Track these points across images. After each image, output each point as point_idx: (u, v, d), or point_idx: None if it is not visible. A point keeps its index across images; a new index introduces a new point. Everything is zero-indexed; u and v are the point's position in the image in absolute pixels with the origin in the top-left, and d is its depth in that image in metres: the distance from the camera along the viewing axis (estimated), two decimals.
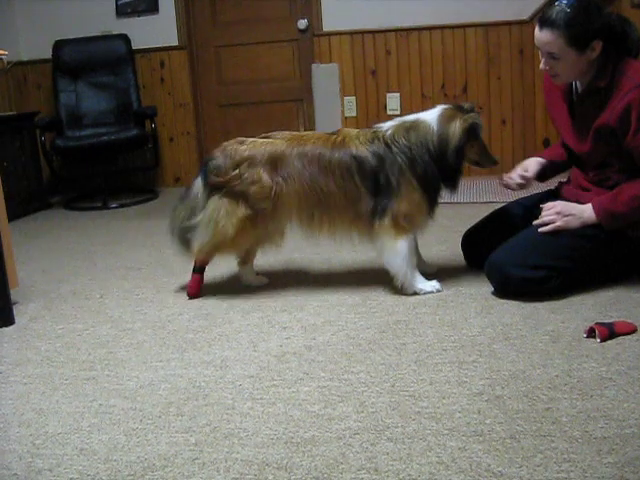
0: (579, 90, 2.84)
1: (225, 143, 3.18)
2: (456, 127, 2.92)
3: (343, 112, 5.92)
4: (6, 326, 2.98)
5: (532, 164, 3.12)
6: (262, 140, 3.13)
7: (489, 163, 3.07)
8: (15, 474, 1.87)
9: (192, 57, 6.22)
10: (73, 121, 5.98)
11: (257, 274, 3.37)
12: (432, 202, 3.00)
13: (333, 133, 3.11)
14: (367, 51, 5.82)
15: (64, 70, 6.00)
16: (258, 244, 3.25)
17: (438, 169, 2.94)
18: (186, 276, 3.52)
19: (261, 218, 3.06)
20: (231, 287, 3.31)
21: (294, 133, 3.18)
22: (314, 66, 5.89)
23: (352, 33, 5.82)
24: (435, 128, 2.94)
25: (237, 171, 3.03)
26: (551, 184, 3.25)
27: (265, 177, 3.01)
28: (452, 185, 3.02)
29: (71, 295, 3.38)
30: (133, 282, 3.52)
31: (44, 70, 6.19)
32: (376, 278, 3.23)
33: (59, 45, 5.99)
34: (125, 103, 6.02)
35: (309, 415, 2.06)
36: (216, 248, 3.12)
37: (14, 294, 3.14)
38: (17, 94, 6.34)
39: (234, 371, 2.40)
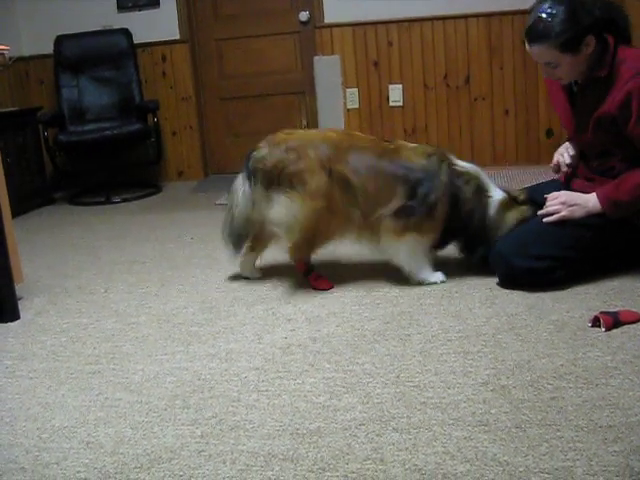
0: (579, 81, 2.83)
1: (270, 136, 3.10)
2: (511, 219, 2.97)
3: (345, 104, 5.91)
4: (12, 321, 2.99)
5: (569, 148, 3.05)
6: (313, 131, 3.08)
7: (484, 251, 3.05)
8: (22, 468, 1.87)
9: (193, 51, 6.21)
10: (76, 116, 5.97)
11: (257, 267, 3.35)
12: (441, 242, 3.06)
13: (386, 140, 3.12)
14: (369, 42, 5.81)
15: (66, 65, 6.00)
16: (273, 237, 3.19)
17: (469, 233, 3.00)
18: (189, 269, 3.53)
19: (330, 208, 2.97)
20: (235, 280, 3.31)
21: (344, 130, 3.15)
22: (316, 58, 5.88)
23: (354, 25, 5.80)
24: (493, 212, 2.98)
25: (292, 156, 2.94)
26: (553, 174, 3.24)
27: (318, 166, 2.94)
28: (467, 252, 3.09)
29: (76, 290, 3.39)
30: (137, 276, 3.53)
31: (46, 65, 6.19)
32: (380, 269, 3.23)
33: (60, 40, 5.99)
34: (127, 97, 6.01)
35: (315, 406, 2.07)
36: (310, 243, 3.05)
37: (19, 289, 3.15)
38: (19, 90, 6.34)
39: (239, 363, 2.41)
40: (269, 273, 3.35)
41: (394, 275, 3.11)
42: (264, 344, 2.56)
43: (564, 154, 3.02)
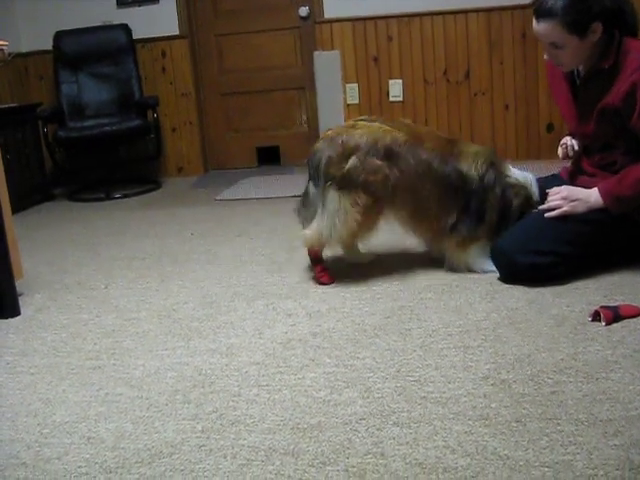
0: (581, 73, 2.83)
1: (329, 132, 3.07)
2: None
3: (345, 99, 5.91)
4: (12, 317, 2.99)
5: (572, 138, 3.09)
6: (379, 126, 3.02)
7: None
8: (23, 463, 1.88)
9: (193, 46, 6.21)
10: (75, 112, 5.97)
11: (364, 251, 3.37)
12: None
13: (450, 140, 3.13)
14: (369, 38, 5.81)
15: (65, 61, 6.00)
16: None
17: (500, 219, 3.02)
18: (189, 265, 3.54)
19: (380, 207, 3.00)
20: (235, 275, 3.32)
21: (411, 126, 3.14)
22: (316, 54, 5.88)
23: (354, 20, 5.80)
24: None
25: (354, 160, 2.93)
26: (556, 169, 3.24)
27: (383, 166, 2.93)
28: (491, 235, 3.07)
29: (76, 285, 3.39)
30: (137, 272, 3.53)
31: (45, 61, 6.19)
32: (381, 264, 3.23)
33: (60, 36, 5.98)
34: (127, 93, 6.01)
35: (315, 401, 2.07)
36: (340, 239, 3.06)
37: (19, 285, 3.15)
38: (19, 86, 6.33)
39: (240, 358, 2.41)
40: (269, 268, 3.35)
41: (394, 270, 3.11)
42: (265, 339, 2.56)
43: (571, 139, 3.05)
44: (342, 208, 2.93)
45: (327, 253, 3.21)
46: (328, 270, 3.13)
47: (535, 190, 3.04)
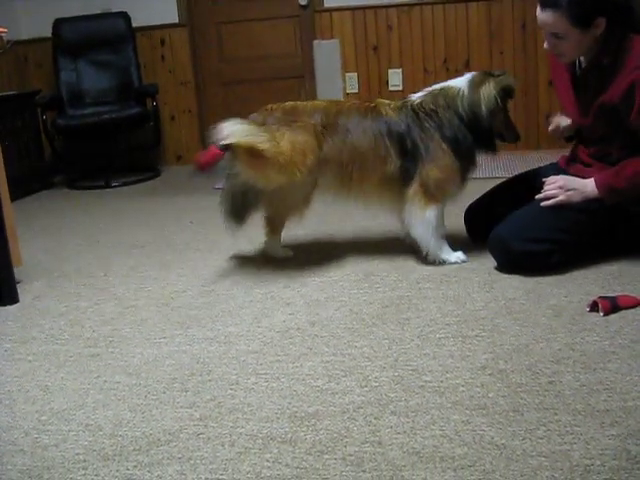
0: (582, 65, 2.82)
1: (261, 108, 3.15)
2: (490, 88, 2.97)
3: (345, 88, 5.90)
4: (10, 304, 2.99)
5: (564, 118, 3.10)
6: (301, 102, 3.14)
7: (512, 137, 3.11)
8: (21, 450, 1.88)
9: (192, 34, 6.19)
10: (74, 100, 5.95)
11: (283, 246, 3.37)
12: (464, 168, 3.03)
13: (367, 101, 3.16)
14: (369, 27, 5.79)
15: (64, 48, 5.97)
16: (286, 213, 3.24)
17: (472, 133, 2.98)
18: (188, 253, 3.54)
19: (320, 143, 2.98)
20: (234, 264, 3.32)
21: (331, 99, 3.25)
22: (315, 42, 5.86)
23: (353, 9, 5.78)
24: (466, 92, 2.99)
25: (281, 115, 3.00)
26: (553, 158, 3.24)
27: (311, 121, 2.98)
28: (491, 148, 3.06)
29: (75, 273, 3.39)
30: (136, 260, 3.53)
31: (44, 49, 6.16)
32: (379, 253, 3.23)
33: (59, 23, 5.96)
34: (126, 81, 5.99)
35: (313, 390, 2.07)
36: (258, 154, 2.83)
37: (18, 273, 3.15)
38: (17, 73, 6.32)
39: (238, 347, 2.41)
40: (268, 257, 3.35)
41: (393, 259, 3.12)
42: (263, 327, 2.56)
43: (561, 117, 3.07)
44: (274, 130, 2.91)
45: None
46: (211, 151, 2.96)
47: (450, 84, 3.05)
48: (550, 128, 3.13)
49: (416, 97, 3.07)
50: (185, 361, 2.33)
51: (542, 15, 2.67)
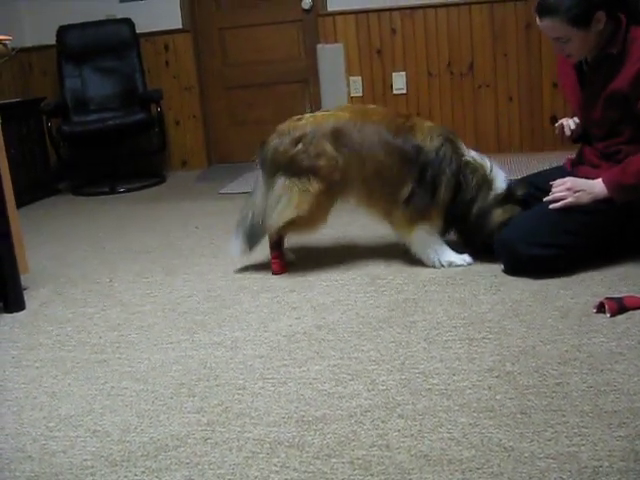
0: (589, 59, 2.82)
1: (280, 126, 3.13)
2: (498, 217, 2.99)
3: (349, 92, 5.90)
4: (17, 311, 3.00)
5: (572, 120, 3.10)
6: (322, 114, 3.14)
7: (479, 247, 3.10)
8: (29, 456, 1.88)
9: (196, 40, 6.20)
10: (79, 106, 5.96)
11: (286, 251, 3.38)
12: (446, 225, 3.07)
13: (401, 114, 3.17)
14: (372, 30, 5.79)
15: (69, 55, 5.99)
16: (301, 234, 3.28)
17: (465, 222, 3.03)
18: (194, 258, 3.54)
19: (334, 191, 3.05)
20: (240, 269, 3.32)
21: (358, 106, 3.21)
22: (319, 46, 5.87)
23: (357, 12, 5.78)
24: (492, 196, 3.00)
25: (300, 146, 3.01)
26: (559, 160, 3.24)
27: (329, 148, 3.00)
28: (469, 244, 3.10)
29: (81, 279, 3.39)
30: (142, 265, 3.53)
31: (49, 56, 6.17)
32: (385, 257, 3.23)
33: (63, 30, 5.97)
34: (130, 87, 6.00)
35: (320, 394, 2.07)
36: (291, 225, 3.08)
37: (24, 280, 3.15)
38: (22, 80, 6.33)
39: (244, 351, 2.41)
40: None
41: (399, 262, 3.11)
42: (269, 332, 2.56)
43: (569, 120, 3.06)
44: (287, 194, 3.01)
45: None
46: (282, 259, 3.18)
47: (496, 176, 3.03)
48: (557, 131, 3.12)
49: (468, 152, 3.05)
50: (192, 366, 2.33)
51: (542, 24, 2.69)
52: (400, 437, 1.81)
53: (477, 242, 3.06)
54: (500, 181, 3.03)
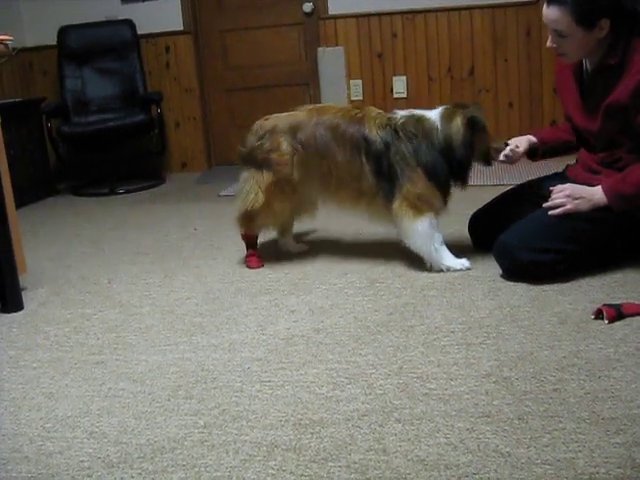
0: (589, 69, 2.82)
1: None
2: (458, 122, 2.99)
3: (350, 95, 5.90)
4: (15, 312, 3.00)
5: (523, 141, 3.12)
6: (286, 113, 3.27)
7: (488, 163, 3.13)
8: (26, 457, 1.88)
9: (197, 42, 6.20)
10: (79, 107, 5.96)
11: (297, 242, 3.56)
12: (442, 192, 3.04)
13: (357, 107, 3.25)
14: (373, 34, 5.80)
15: (69, 56, 5.99)
16: (293, 214, 3.40)
17: (448, 165, 2.99)
18: (193, 260, 3.54)
19: (287, 185, 3.17)
20: (238, 271, 3.32)
21: (317, 105, 3.35)
22: (320, 50, 5.87)
23: (358, 16, 5.79)
24: (439, 126, 3.00)
25: (259, 142, 3.20)
26: (558, 167, 3.24)
27: (284, 144, 3.14)
28: (461, 180, 3.06)
29: (79, 280, 3.39)
30: (141, 267, 3.53)
31: (50, 56, 6.17)
32: (384, 261, 3.23)
33: (64, 31, 5.97)
34: (131, 89, 6.00)
35: (317, 397, 2.07)
36: (252, 218, 3.25)
37: (23, 280, 3.15)
38: (23, 81, 6.34)
39: (242, 354, 2.41)
40: (273, 264, 3.35)
41: (397, 266, 3.12)
42: (267, 335, 2.56)
43: (520, 144, 3.09)
44: (246, 185, 3.25)
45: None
46: (257, 255, 3.35)
47: (427, 112, 3.07)
48: (505, 152, 3.08)
49: (400, 115, 3.08)
50: (190, 368, 2.33)
51: (548, 10, 2.68)
52: (397, 441, 1.81)
53: (466, 167, 3.04)
54: (435, 112, 3.05)
